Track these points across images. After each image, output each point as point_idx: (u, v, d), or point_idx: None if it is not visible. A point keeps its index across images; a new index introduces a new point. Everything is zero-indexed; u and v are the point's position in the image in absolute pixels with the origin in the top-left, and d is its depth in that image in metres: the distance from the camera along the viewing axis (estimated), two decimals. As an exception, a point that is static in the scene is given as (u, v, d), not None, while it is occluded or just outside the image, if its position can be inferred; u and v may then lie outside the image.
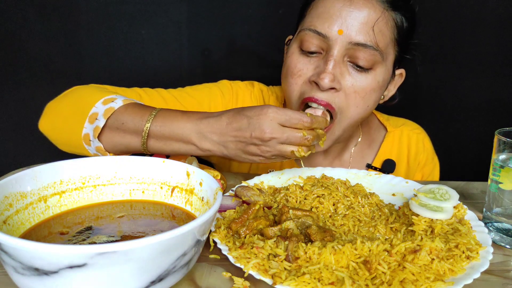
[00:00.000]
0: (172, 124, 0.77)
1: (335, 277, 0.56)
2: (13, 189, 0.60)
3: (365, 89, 0.89)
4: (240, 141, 0.75)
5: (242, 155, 0.76)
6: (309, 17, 0.91)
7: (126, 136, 0.80)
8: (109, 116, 0.79)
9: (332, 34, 0.87)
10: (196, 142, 0.77)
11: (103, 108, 0.80)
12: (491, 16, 1.48)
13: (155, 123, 0.78)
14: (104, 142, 0.81)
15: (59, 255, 0.44)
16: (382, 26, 0.88)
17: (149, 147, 0.80)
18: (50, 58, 1.45)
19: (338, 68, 0.88)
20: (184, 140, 0.78)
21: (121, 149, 0.82)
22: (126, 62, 1.47)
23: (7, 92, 1.46)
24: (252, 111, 0.74)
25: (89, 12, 1.41)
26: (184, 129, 0.77)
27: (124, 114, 0.79)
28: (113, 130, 0.80)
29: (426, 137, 1.15)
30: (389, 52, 0.92)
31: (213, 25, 1.46)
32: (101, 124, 0.79)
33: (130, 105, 0.81)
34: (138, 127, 0.78)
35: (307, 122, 0.74)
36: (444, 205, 0.71)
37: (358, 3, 0.87)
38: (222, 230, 0.67)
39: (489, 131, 0.84)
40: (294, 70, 0.92)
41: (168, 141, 0.78)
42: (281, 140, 0.73)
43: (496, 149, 0.73)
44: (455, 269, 0.60)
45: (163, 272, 0.50)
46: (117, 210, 0.68)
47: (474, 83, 1.55)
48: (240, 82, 1.11)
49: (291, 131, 0.74)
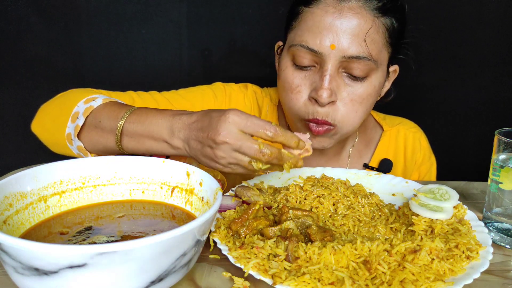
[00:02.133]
0: (146, 120, 0.75)
1: (335, 277, 0.56)
2: (13, 189, 0.60)
3: (361, 96, 0.90)
4: (199, 141, 0.70)
5: (200, 157, 0.71)
6: (299, 30, 0.90)
7: (103, 135, 0.79)
8: (88, 115, 0.79)
9: (325, 50, 0.86)
10: (167, 138, 0.73)
11: (84, 107, 0.80)
12: (491, 16, 1.48)
13: (129, 120, 0.76)
14: (84, 141, 0.81)
15: (59, 255, 0.44)
16: (373, 34, 0.87)
17: (123, 146, 0.78)
18: (50, 58, 1.45)
19: (334, 82, 0.88)
20: (155, 137, 0.74)
21: (99, 148, 0.81)
22: (126, 62, 1.47)
23: (7, 92, 1.46)
24: (217, 112, 0.69)
25: (89, 12, 1.41)
26: (156, 125, 0.74)
27: (101, 112, 0.79)
28: (91, 129, 0.79)
29: (422, 136, 1.15)
30: (383, 57, 0.91)
31: (213, 25, 1.46)
32: (80, 123, 0.79)
33: (109, 103, 0.80)
34: (112, 125, 0.77)
35: (269, 131, 0.67)
36: (444, 205, 0.71)
37: (347, 15, 0.85)
38: (222, 230, 0.67)
39: (489, 131, 0.84)
40: (292, 86, 0.91)
41: (141, 138, 0.76)
42: (234, 147, 0.67)
43: (496, 149, 0.73)
44: (455, 269, 0.60)
45: (163, 272, 0.50)
46: (117, 210, 0.68)
47: (474, 83, 1.55)
48: (234, 84, 1.11)
49: (247, 140, 0.67)
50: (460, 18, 1.49)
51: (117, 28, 1.43)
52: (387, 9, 0.89)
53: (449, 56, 1.52)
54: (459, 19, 1.49)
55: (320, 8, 0.87)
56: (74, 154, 0.84)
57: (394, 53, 0.95)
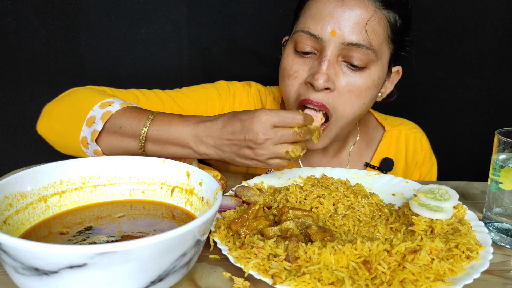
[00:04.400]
0: (170, 128, 0.78)
1: (335, 277, 0.56)
2: (13, 189, 0.60)
3: (359, 88, 0.90)
4: (234, 144, 0.75)
5: (237, 159, 0.77)
6: (303, 18, 0.92)
7: (124, 139, 0.80)
8: (107, 120, 0.80)
9: (325, 36, 0.88)
10: (193, 146, 0.78)
11: (100, 111, 0.81)
12: (491, 16, 1.48)
13: (152, 127, 0.78)
14: (102, 145, 0.81)
15: (59, 255, 0.44)
16: (374, 25, 0.88)
17: (146, 151, 0.81)
18: (50, 58, 1.45)
19: (332, 69, 0.89)
20: (181, 144, 0.78)
21: (119, 152, 0.82)
22: (126, 62, 1.47)
23: (7, 92, 1.46)
24: (245, 115, 0.75)
25: (89, 11, 1.41)
26: (181, 133, 0.78)
27: (121, 118, 0.80)
28: (111, 134, 0.80)
29: (423, 137, 1.16)
30: (384, 51, 0.92)
31: (213, 24, 1.46)
32: (99, 128, 0.79)
33: (128, 108, 0.81)
34: (135, 131, 0.79)
35: (300, 119, 0.75)
36: (444, 205, 0.71)
37: (350, 3, 0.87)
38: (222, 230, 0.68)
39: (489, 131, 0.84)
40: (290, 72, 0.93)
41: (166, 145, 0.79)
42: (274, 140, 0.74)
43: (496, 149, 0.73)
44: (455, 269, 0.60)
45: (163, 272, 0.50)
46: (117, 210, 0.68)
47: (474, 83, 1.55)
48: (237, 82, 1.11)
49: (284, 130, 0.74)
50: (460, 19, 1.49)
51: (117, 28, 1.43)
52: (390, 3, 0.90)
53: (449, 56, 1.52)
54: (459, 20, 1.49)
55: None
56: (87, 156, 0.84)
57: (397, 50, 0.96)
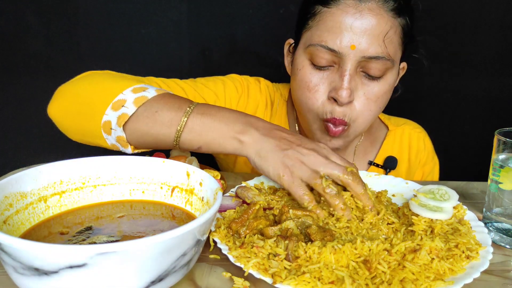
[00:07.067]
0: (218, 113, 0.75)
1: (335, 276, 0.56)
2: (13, 189, 0.60)
3: (376, 95, 0.90)
4: (289, 141, 0.74)
5: (277, 151, 0.73)
6: (318, 30, 0.89)
7: (156, 125, 0.75)
8: (141, 105, 0.75)
9: (345, 50, 0.86)
10: (241, 129, 0.74)
11: (133, 96, 0.76)
12: (491, 17, 1.48)
13: (197, 110, 0.75)
14: (128, 131, 0.76)
15: (59, 255, 0.44)
16: (391, 35, 0.88)
17: (181, 138, 0.75)
18: (50, 58, 1.45)
19: (353, 81, 0.88)
20: (224, 129, 0.74)
21: (146, 139, 0.77)
22: (126, 62, 1.47)
23: (6, 92, 1.46)
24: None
25: (88, 11, 1.41)
26: (229, 118, 0.75)
27: (159, 102, 0.75)
28: (142, 119, 0.75)
29: (426, 137, 1.17)
30: (398, 56, 0.92)
31: (213, 24, 1.46)
32: (130, 112, 0.74)
33: (166, 95, 0.77)
34: (173, 116, 0.74)
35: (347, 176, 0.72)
36: (444, 205, 0.71)
37: (367, 16, 0.85)
38: (222, 230, 0.68)
39: (489, 131, 0.84)
40: (310, 85, 0.91)
41: (205, 131, 0.75)
42: (321, 153, 0.73)
43: (496, 149, 0.73)
44: (455, 269, 0.60)
45: (163, 272, 0.50)
46: (117, 210, 0.68)
47: (475, 83, 1.55)
48: (249, 77, 1.12)
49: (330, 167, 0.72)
50: (460, 19, 1.49)
51: (117, 28, 1.43)
52: (402, 9, 0.89)
53: (449, 57, 1.52)
54: (460, 20, 1.49)
55: (340, 8, 0.87)
56: (106, 144, 0.79)
57: (405, 52, 0.96)
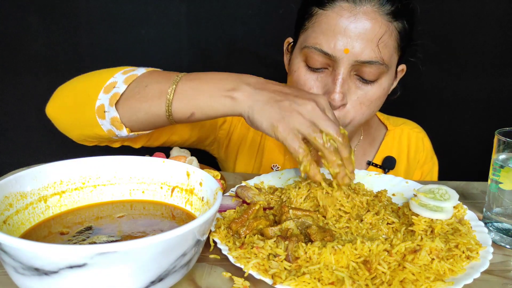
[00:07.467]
0: (207, 76, 0.76)
1: (335, 277, 0.56)
2: (13, 189, 0.60)
3: (370, 99, 0.90)
4: (284, 93, 0.73)
5: (269, 105, 0.72)
6: (313, 32, 0.89)
7: (147, 100, 0.77)
8: (131, 82, 0.77)
9: (338, 54, 0.86)
10: (234, 86, 0.74)
11: (123, 76, 0.79)
12: (491, 17, 1.48)
13: (186, 78, 0.76)
14: (121, 111, 0.78)
15: (59, 255, 0.44)
16: (386, 39, 0.87)
17: (173, 106, 0.76)
18: (50, 58, 1.45)
19: (346, 85, 0.88)
20: (214, 90, 0.74)
21: (139, 116, 0.78)
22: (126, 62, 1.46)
23: (6, 92, 1.46)
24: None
25: (89, 11, 1.41)
26: (220, 78, 0.75)
27: (149, 77, 0.78)
28: (133, 95, 0.77)
29: (425, 136, 1.17)
30: (393, 60, 0.91)
31: (213, 25, 1.46)
32: (121, 90, 0.77)
33: (155, 71, 0.80)
34: (163, 87, 0.76)
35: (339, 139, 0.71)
36: (444, 205, 0.71)
37: (362, 20, 0.85)
38: (222, 230, 0.68)
39: (489, 131, 0.84)
40: (304, 88, 0.91)
41: (196, 94, 0.75)
42: (320, 106, 0.72)
43: (496, 149, 0.73)
44: (455, 269, 0.60)
45: (163, 272, 0.50)
46: (117, 210, 0.68)
47: (475, 83, 1.55)
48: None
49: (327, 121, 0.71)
50: (460, 20, 1.49)
51: (117, 28, 1.43)
52: (399, 12, 0.88)
53: (449, 57, 1.52)
54: (459, 21, 1.49)
55: (335, 11, 0.86)
56: (101, 132, 0.81)
57: (403, 55, 0.95)
